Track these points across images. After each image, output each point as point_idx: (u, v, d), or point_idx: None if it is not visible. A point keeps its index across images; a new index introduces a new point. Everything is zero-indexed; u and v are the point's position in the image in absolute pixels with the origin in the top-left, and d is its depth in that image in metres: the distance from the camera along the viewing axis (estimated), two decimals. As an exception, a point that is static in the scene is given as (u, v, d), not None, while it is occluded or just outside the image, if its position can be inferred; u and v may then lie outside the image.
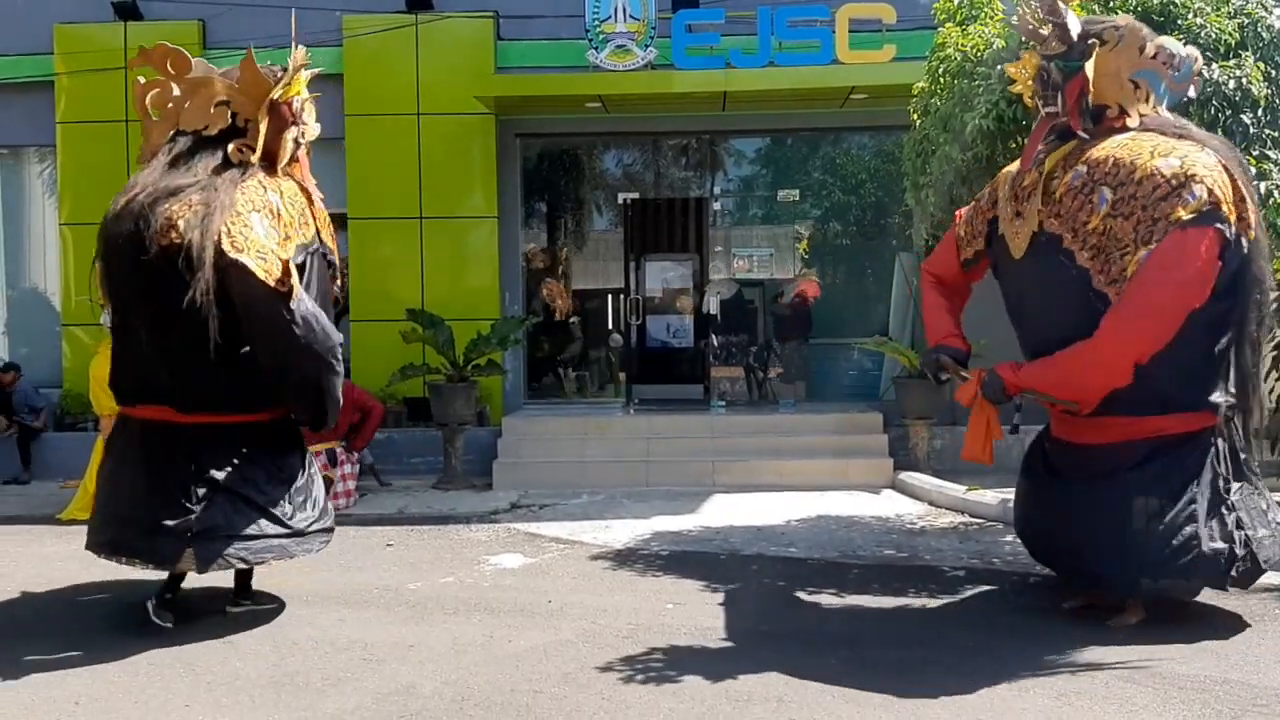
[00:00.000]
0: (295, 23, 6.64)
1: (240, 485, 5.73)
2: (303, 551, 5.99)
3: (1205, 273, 5.11)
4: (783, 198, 13.44)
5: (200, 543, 5.59)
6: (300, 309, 5.55)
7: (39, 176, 13.29)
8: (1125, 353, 5.20)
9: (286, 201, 5.88)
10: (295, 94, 6.14)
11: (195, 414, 5.74)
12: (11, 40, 12.40)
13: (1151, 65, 5.62)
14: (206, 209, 5.50)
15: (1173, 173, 5.18)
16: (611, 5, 11.33)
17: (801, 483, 10.16)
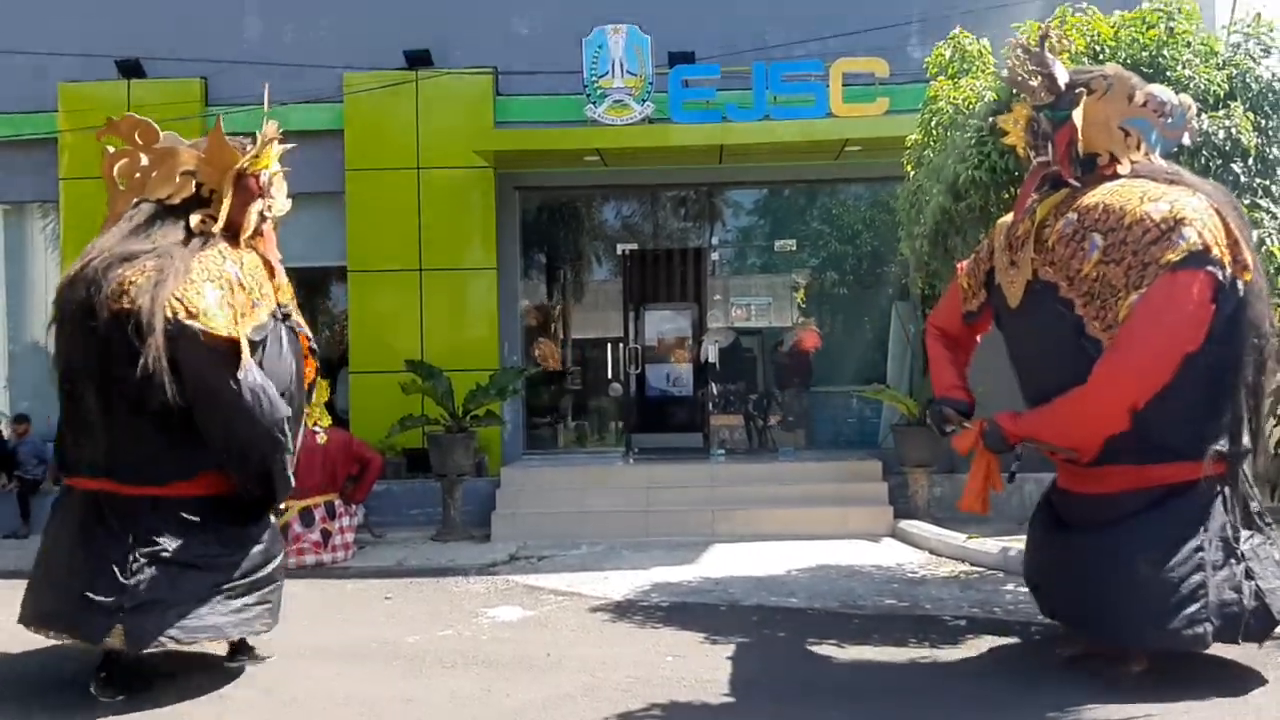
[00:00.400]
0: (268, 94, 6.68)
1: (178, 561, 5.48)
2: (239, 632, 5.79)
3: (1197, 315, 5.03)
4: (780, 248, 13.53)
5: (132, 619, 5.33)
6: (247, 380, 5.45)
7: (42, 232, 13.39)
8: (1119, 398, 5.13)
9: (247, 273, 5.82)
10: (264, 167, 6.15)
11: (137, 486, 5.56)
12: (16, 99, 12.54)
13: (1142, 113, 5.63)
14: (160, 275, 5.43)
15: (1162, 217, 5.15)
16: (609, 61, 11.50)
17: (801, 531, 10.14)
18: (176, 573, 5.45)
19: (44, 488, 11.64)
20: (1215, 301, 5.07)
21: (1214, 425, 5.23)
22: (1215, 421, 5.24)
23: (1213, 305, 5.06)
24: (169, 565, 5.44)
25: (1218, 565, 5.12)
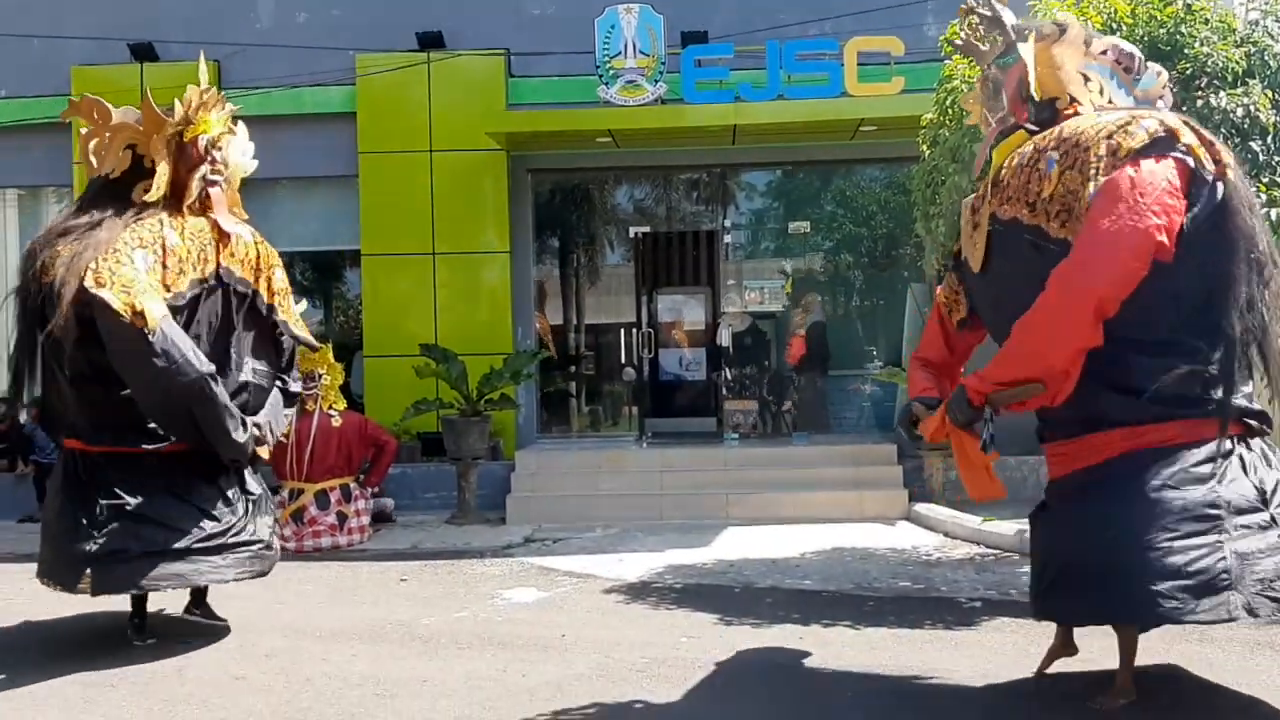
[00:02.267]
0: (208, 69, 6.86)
1: (142, 513, 5.88)
2: (206, 580, 6.16)
3: (1163, 200, 4.30)
4: (794, 230, 13.48)
5: (98, 567, 5.79)
6: (159, 342, 5.60)
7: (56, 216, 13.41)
8: (1084, 298, 4.38)
9: (186, 237, 6.05)
10: (201, 132, 6.30)
11: (99, 444, 6.00)
12: (29, 82, 12.57)
13: (1102, 60, 5.05)
14: (80, 248, 5.77)
15: (1119, 121, 4.57)
16: (621, 41, 11.44)
17: (816, 515, 10.13)
18: (137, 525, 5.86)
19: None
20: (1189, 192, 4.36)
21: (1219, 372, 4.44)
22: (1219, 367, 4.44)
23: (1184, 197, 4.35)
24: (132, 517, 5.86)
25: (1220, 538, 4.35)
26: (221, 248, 6.23)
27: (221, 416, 5.91)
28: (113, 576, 5.86)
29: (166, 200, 6.16)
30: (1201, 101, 6.89)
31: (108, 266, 5.66)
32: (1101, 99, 4.96)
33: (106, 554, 5.80)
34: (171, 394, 5.78)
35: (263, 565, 6.34)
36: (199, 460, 6.09)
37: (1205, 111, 6.85)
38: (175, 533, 5.92)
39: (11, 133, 12.66)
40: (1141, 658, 5.45)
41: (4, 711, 5.08)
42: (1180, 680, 5.20)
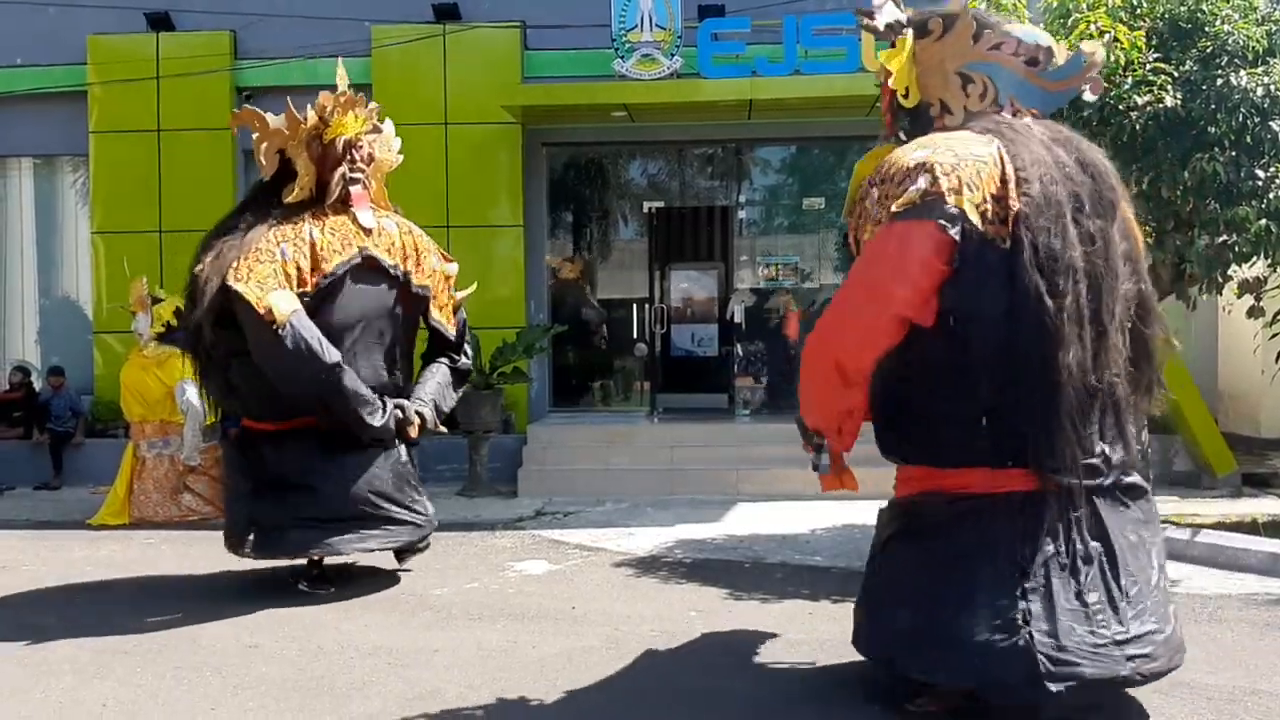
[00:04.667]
0: (341, 74, 7.03)
1: (297, 485, 6.43)
2: (353, 549, 6.60)
3: (908, 271, 3.94)
4: (808, 206, 13.43)
5: (258, 533, 6.46)
6: (288, 335, 6.07)
7: (72, 186, 13.46)
8: (823, 352, 4.27)
9: (327, 232, 6.50)
10: (339, 134, 6.68)
11: (260, 421, 6.63)
12: (46, 51, 12.58)
13: (992, 57, 4.50)
14: (224, 249, 6.37)
15: (916, 163, 4.18)
16: (637, 14, 11.38)
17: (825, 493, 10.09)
18: (293, 496, 6.41)
19: (75, 440, 11.79)
20: (949, 261, 3.92)
21: (1014, 425, 4.01)
22: (1014, 420, 4.01)
23: (943, 264, 3.91)
24: (286, 490, 6.44)
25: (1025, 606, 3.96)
26: (364, 239, 6.64)
27: (350, 403, 6.31)
28: (270, 543, 6.46)
29: (312, 199, 6.60)
30: (1221, 80, 6.83)
31: (247, 265, 6.18)
32: (983, 103, 4.41)
33: (266, 522, 6.43)
34: (302, 382, 6.22)
35: (412, 536, 6.76)
36: (350, 437, 6.49)
37: (1225, 90, 6.79)
38: (326, 504, 6.41)
39: (28, 101, 12.69)
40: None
41: (18, 676, 5.14)
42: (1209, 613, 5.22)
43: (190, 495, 9.85)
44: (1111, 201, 3.61)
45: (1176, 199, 7.04)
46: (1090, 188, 3.63)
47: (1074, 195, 3.55)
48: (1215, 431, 10.91)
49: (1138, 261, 3.58)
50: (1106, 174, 3.65)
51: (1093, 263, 3.42)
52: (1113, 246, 3.45)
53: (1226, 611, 5.98)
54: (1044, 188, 3.69)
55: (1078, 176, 3.64)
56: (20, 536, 8.89)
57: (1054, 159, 3.80)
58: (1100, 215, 3.53)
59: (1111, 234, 3.49)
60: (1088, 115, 6.97)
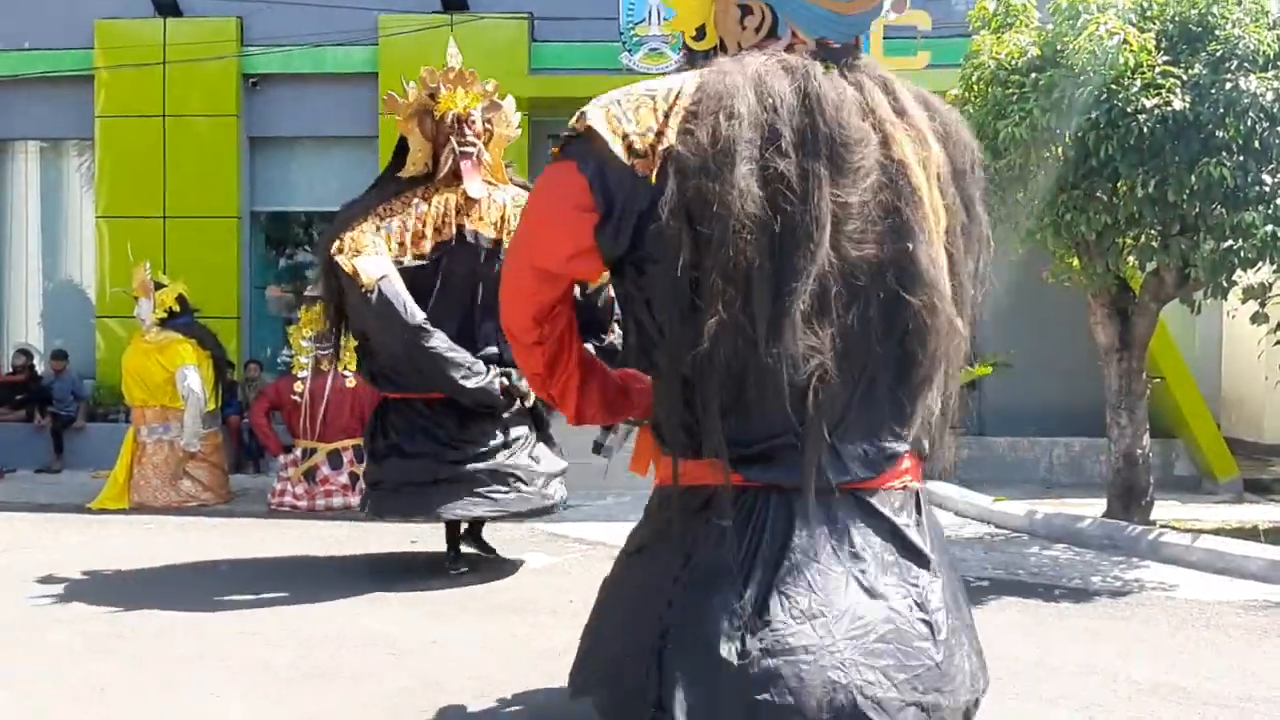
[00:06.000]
0: (453, 52, 7.11)
1: (411, 451, 6.64)
2: (456, 515, 6.72)
3: (543, 218, 3.13)
4: (814, 203, 13.40)
5: (373, 495, 6.82)
6: (375, 299, 6.35)
7: (77, 170, 13.47)
8: (501, 311, 3.42)
9: (433, 205, 6.75)
10: (448, 109, 6.83)
11: (384, 389, 6.85)
12: (53, 35, 12.58)
13: None
14: (343, 221, 6.70)
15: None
16: (645, 8, 11.37)
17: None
18: (406, 461, 6.62)
19: (76, 424, 11.81)
20: (589, 206, 2.90)
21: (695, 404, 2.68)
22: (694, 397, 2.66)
23: (580, 209, 2.90)
24: (401, 454, 6.66)
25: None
26: (468, 212, 6.78)
27: (440, 365, 6.47)
28: (383, 505, 6.78)
29: (427, 174, 6.85)
30: (1231, 84, 6.81)
31: (350, 236, 6.51)
32: (758, 36, 3.09)
33: (381, 484, 6.72)
34: (391, 344, 6.52)
35: (522, 506, 6.86)
36: (450, 406, 6.65)
37: (1234, 95, 6.78)
38: (438, 468, 6.58)
39: (35, 85, 12.70)
40: (1146, 642, 5.49)
41: (17, 659, 5.15)
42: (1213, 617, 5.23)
43: (190, 481, 9.86)
44: (841, 141, 2.48)
45: (1183, 203, 7.04)
46: (806, 124, 2.54)
47: (770, 131, 2.51)
48: (1217, 436, 10.92)
49: (918, 218, 2.39)
50: (843, 111, 2.47)
51: (780, 209, 2.37)
52: (822, 192, 2.37)
53: (1226, 618, 5.98)
54: (716, 121, 2.62)
55: (787, 112, 2.57)
56: (20, 519, 8.90)
57: (760, 92, 2.66)
58: (813, 156, 2.45)
59: (821, 174, 2.36)
60: (1095, 117, 6.97)
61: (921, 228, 2.21)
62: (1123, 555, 7.64)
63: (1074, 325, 9.81)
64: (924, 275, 2.18)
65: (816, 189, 2.20)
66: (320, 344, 9.59)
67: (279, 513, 9.39)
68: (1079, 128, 7.06)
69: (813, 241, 2.08)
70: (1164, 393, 10.49)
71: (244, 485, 10.74)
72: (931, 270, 2.18)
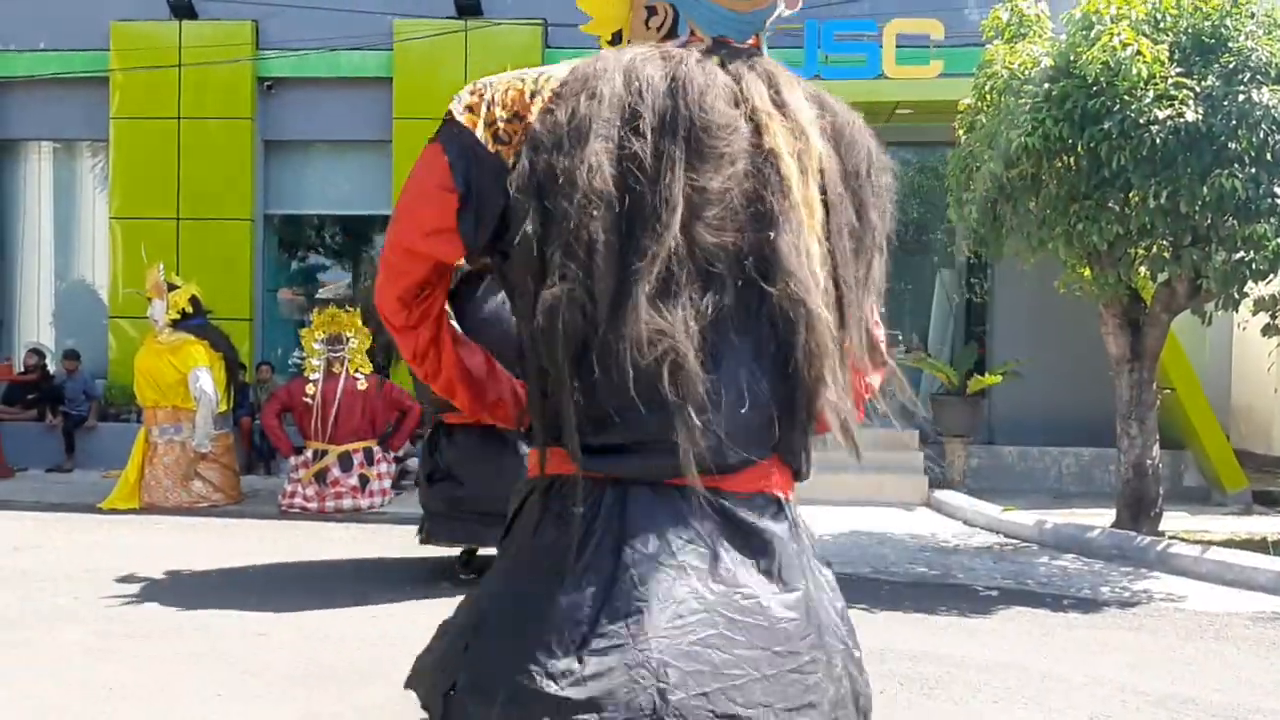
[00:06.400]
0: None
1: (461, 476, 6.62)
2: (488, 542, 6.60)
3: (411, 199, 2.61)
4: (824, 211, 13.41)
5: (429, 520, 6.81)
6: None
7: (91, 170, 13.53)
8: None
9: None
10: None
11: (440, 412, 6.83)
12: (68, 37, 12.65)
13: None
14: None
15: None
16: (659, 15, 11.39)
17: (835, 497, 10.14)
18: (457, 487, 6.61)
19: (88, 424, 11.86)
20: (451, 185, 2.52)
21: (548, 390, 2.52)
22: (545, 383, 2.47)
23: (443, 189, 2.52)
24: (453, 481, 6.65)
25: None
26: None
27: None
28: (438, 530, 6.73)
29: None
30: (1243, 96, 6.81)
31: None
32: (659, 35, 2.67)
33: (436, 510, 6.72)
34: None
35: None
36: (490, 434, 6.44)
37: (1247, 106, 6.78)
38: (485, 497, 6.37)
39: (49, 86, 12.77)
40: (1155, 653, 5.48)
41: (25, 658, 5.18)
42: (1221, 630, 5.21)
43: (201, 482, 9.90)
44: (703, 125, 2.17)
45: (1195, 214, 7.03)
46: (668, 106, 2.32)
47: (631, 112, 2.32)
48: (1227, 448, 10.89)
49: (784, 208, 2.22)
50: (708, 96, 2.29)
51: (630, 188, 2.24)
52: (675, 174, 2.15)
53: (1234, 629, 5.97)
54: (577, 101, 2.38)
55: (651, 95, 2.35)
56: (31, 519, 8.94)
57: (628, 76, 2.39)
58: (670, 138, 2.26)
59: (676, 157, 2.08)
60: (1108, 128, 6.97)
61: (788, 218, 2.05)
62: (1131, 566, 7.62)
63: (1084, 335, 9.80)
64: (784, 264, 2.02)
65: (669, 170, 2.08)
66: (333, 347, 9.63)
67: (289, 514, 9.42)
68: (1091, 138, 7.06)
69: (660, 223, 2.00)
70: (1174, 404, 10.47)
71: (255, 486, 10.78)
72: (794, 260, 2.02)
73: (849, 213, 2.17)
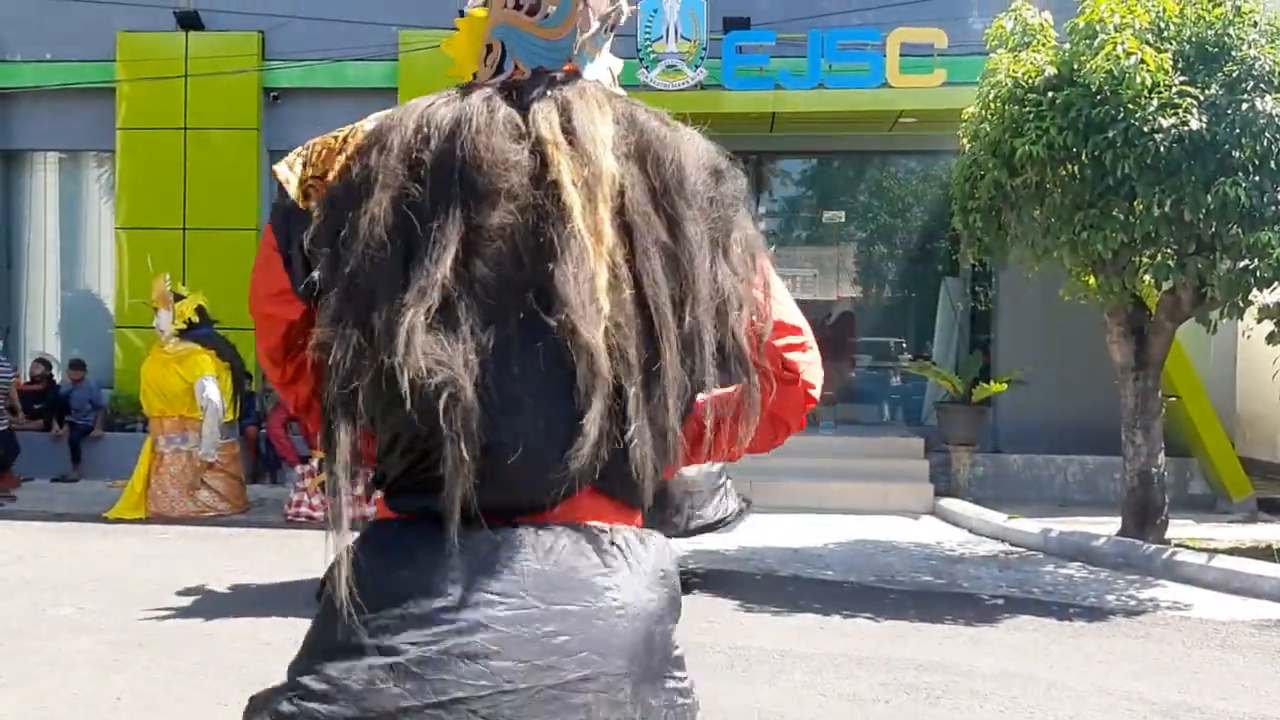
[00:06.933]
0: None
1: None
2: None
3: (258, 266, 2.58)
4: (828, 220, 13.44)
5: None
6: None
7: (97, 180, 13.58)
8: None
9: None
10: None
11: None
12: (76, 47, 12.70)
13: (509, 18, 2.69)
14: None
15: None
16: (663, 25, 11.42)
17: (840, 506, 10.14)
18: None
19: (94, 433, 11.88)
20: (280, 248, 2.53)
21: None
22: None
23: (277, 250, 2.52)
24: None
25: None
26: None
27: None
28: None
29: None
30: (1247, 105, 6.83)
31: None
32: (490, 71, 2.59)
33: None
34: None
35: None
36: None
37: (1250, 115, 6.79)
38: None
39: (55, 96, 12.81)
40: (1161, 661, 5.47)
41: (35, 666, 5.19)
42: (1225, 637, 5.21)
43: (207, 491, 9.91)
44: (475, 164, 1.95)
45: (1199, 222, 7.04)
46: (445, 149, 2.27)
47: (415, 159, 2.30)
48: (1232, 455, 10.88)
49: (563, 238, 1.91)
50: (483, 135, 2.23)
51: (410, 231, 2.22)
52: (449, 215, 2.16)
53: (1239, 638, 5.96)
54: (370, 155, 2.32)
55: (436, 139, 2.30)
56: (38, 528, 8.95)
57: (420, 123, 2.34)
58: (447, 180, 2.24)
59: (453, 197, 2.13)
60: (1112, 136, 6.98)
61: (567, 247, 2.10)
62: (1137, 574, 7.61)
63: (1089, 343, 9.80)
64: (560, 294, 2.06)
65: (444, 212, 2.19)
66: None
67: (295, 523, 9.42)
68: (1096, 146, 7.07)
69: (432, 261, 2.04)
70: (1179, 411, 10.46)
71: (261, 496, 10.79)
72: (570, 289, 2.05)
73: (658, 231, 2.17)
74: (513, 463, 2.00)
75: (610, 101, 2.37)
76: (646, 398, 1.98)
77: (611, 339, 1.94)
